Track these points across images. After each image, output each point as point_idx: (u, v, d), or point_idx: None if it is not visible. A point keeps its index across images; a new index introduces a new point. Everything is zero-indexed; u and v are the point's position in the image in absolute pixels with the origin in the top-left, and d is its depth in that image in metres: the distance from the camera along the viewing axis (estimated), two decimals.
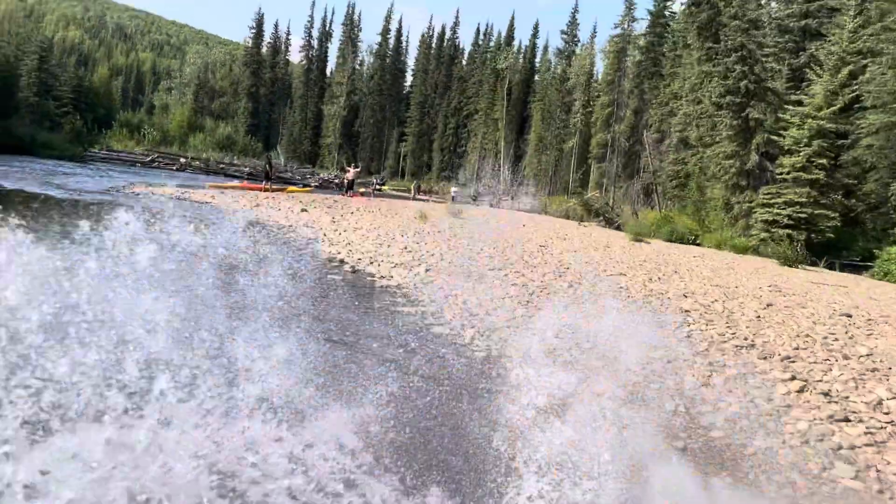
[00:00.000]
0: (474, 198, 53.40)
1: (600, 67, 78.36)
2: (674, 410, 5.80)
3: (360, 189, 42.93)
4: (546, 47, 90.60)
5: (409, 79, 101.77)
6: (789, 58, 36.83)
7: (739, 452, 5.11)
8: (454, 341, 7.65)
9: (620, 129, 61.82)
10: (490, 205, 53.41)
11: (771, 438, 5.33)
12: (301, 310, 7.46)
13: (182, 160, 54.75)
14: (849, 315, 10.45)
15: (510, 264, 13.64)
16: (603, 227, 39.17)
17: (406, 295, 10.03)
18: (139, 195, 22.25)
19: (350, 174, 38.42)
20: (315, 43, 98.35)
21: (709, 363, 7.16)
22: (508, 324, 8.36)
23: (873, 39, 28.22)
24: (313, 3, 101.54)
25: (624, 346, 5.70)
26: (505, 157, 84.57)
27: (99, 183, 27.03)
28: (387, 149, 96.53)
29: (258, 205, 23.12)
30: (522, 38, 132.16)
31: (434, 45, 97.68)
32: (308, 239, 15.55)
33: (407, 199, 50.42)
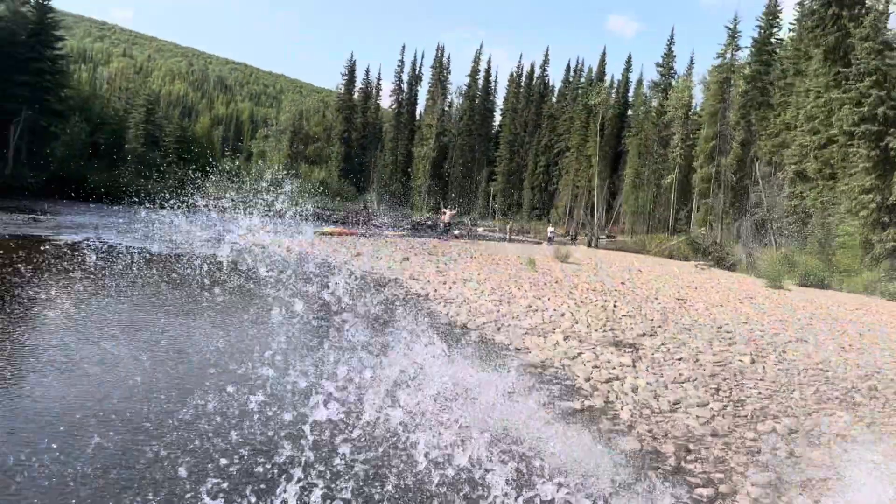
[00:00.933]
0: (573, 238, 50.91)
1: (699, 99, 75.16)
2: None
3: (454, 231, 41.48)
4: (640, 81, 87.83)
5: (498, 118, 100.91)
6: None
7: None
8: (658, 466, 5.54)
9: (726, 163, 58.15)
10: (589, 244, 50.78)
11: None
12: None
13: (278, 206, 54.97)
14: None
15: (659, 328, 11.42)
16: (710, 268, 36.03)
17: (557, 377, 8.02)
18: (241, 245, 21.27)
19: (446, 217, 36.95)
20: (405, 87, 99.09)
21: None
22: (730, 446, 6.12)
23: None
24: (403, 48, 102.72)
25: None
26: (599, 195, 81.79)
27: (200, 233, 26.44)
28: (476, 189, 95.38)
29: (359, 254, 21.72)
30: (614, 73, 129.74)
31: (523, 84, 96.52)
32: (419, 296, 13.81)
33: (502, 241, 48.62)
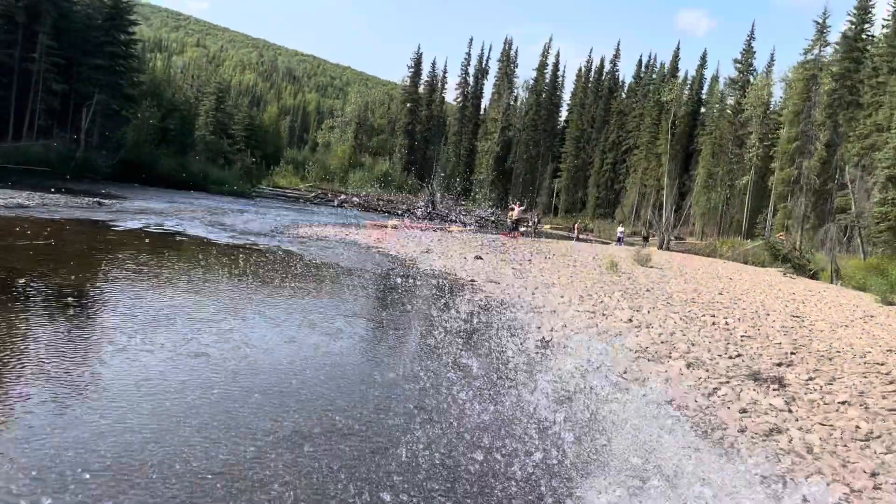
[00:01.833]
0: (645, 238, 48.43)
1: (777, 97, 71.19)
2: None
3: (521, 228, 39.62)
4: (716, 78, 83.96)
5: (564, 114, 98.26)
6: None
7: None
8: None
9: (809, 165, 54.54)
10: (660, 246, 48.17)
11: None
12: None
13: (342, 196, 54.19)
14: None
15: (792, 354, 9.51)
16: (794, 276, 33.22)
17: (698, 423, 6.28)
18: (304, 240, 20.04)
19: (515, 212, 35.15)
20: (471, 80, 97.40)
21: None
22: None
23: None
24: (471, 41, 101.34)
25: None
26: (668, 195, 78.48)
27: (263, 222, 25.41)
28: (540, 185, 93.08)
29: (428, 251, 20.23)
30: (688, 69, 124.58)
31: (592, 79, 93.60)
32: (502, 303, 12.18)
33: (569, 240, 46.53)
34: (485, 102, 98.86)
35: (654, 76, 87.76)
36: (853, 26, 54.57)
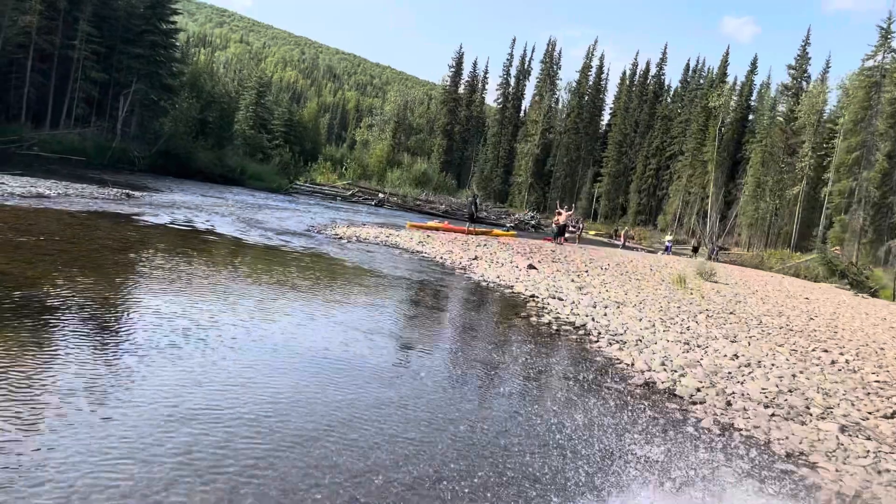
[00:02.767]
0: (695, 249, 45.90)
1: (831, 105, 67.80)
2: None
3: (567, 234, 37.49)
4: (767, 84, 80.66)
5: (606, 117, 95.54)
6: None
7: None
8: None
9: (869, 176, 51.39)
10: (709, 257, 45.56)
11: None
12: None
13: (380, 195, 52.53)
14: None
15: None
16: (863, 295, 30.60)
17: None
18: (342, 240, 18.30)
19: (562, 217, 33.05)
20: (512, 81, 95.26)
21: None
22: None
23: None
24: (513, 41, 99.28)
25: None
26: (714, 203, 75.49)
27: (300, 220, 23.78)
28: (580, 189, 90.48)
29: (476, 257, 18.32)
30: (737, 74, 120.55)
31: (637, 82, 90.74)
32: (574, 326, 10.22)
33: (613, 247, 44.33)
34: (525, 104, 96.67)
35: (702, 81, 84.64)
36: None
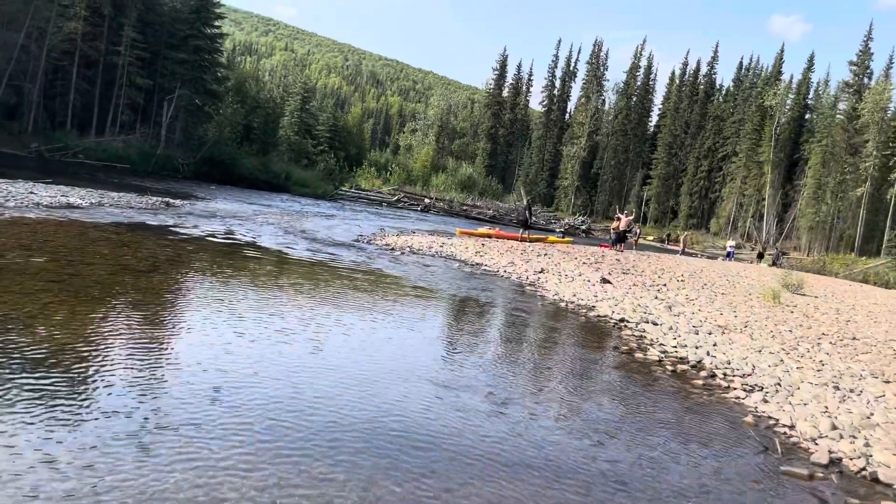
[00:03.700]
0: (760, 255, 42.87)
1: None
2: None
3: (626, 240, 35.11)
4: (826, 81, 76.67)
5: (654, 118, 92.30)
6: None
7: None
8: None
9: None
10: (773, 263, 42.57)
11: None
12: None
13: (426, 201, 50.83)
14: None
15: None
16: None
17: None
18: (395, 251, 16.50)
19: (621, 223, 30.73)
20: (557, 83, 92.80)
21: None
22: None
23: None
24: (559, 43, 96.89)
25: None
26: (771, 206, 71.95)
27: (347, 229, 22.10)
28: (628, 192, 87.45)
29: (543, 270, 16.32)
30: (793, 72, 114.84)
31: (687, 82, 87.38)
32: (700, 370, 8.15)
33: (670, 253, 41.76)
34: (570, 106, 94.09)
35: (757, 80, 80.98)
36: None
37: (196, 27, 40.04)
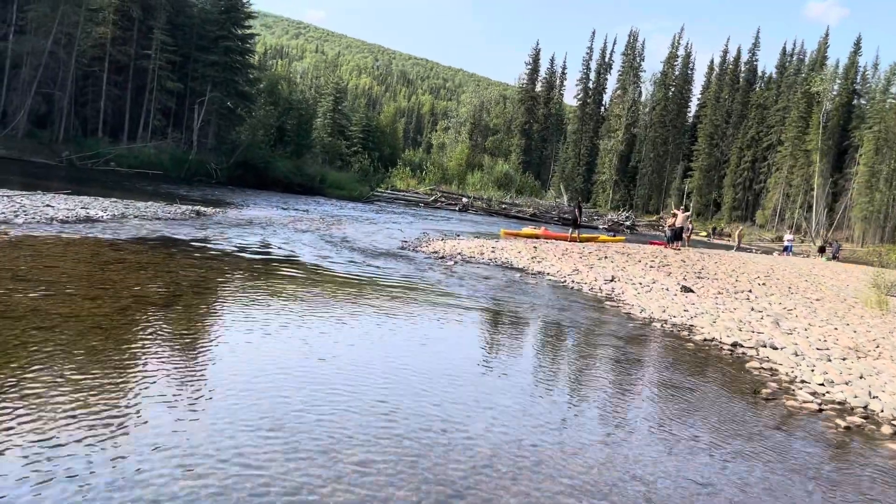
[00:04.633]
0: (822, 249, 39.98)
1: None
2: None
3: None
4: (875, 65, 72.89)
5: (693, 109, 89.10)
6: None
7: None
8: None
9: None
10: (833, 257, 39.76)
11: None
12: None
13: (464, 200, 48.93)
14: None
15: None
16: None
17: None
18: (445, 259, 14.67)
19: (678, 220, 28.48)
20: (592, 75, 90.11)
21: None
22: None
23: None
24: (593, 34, 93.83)
25: None
26: (820, 196, 68.51)
27: (389, 235, 20.37)
28: (668, 185, 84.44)
29: (614, 278, 14.34)
30: (839, 56, 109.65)
31: (728, 70, 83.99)
32: (873, 422, 6.15)
33: (722, 248, 39.28)
34: (606, 99, 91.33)
35: (801, 66, 77.42)
36: None
37: (226, 28, 38.66)
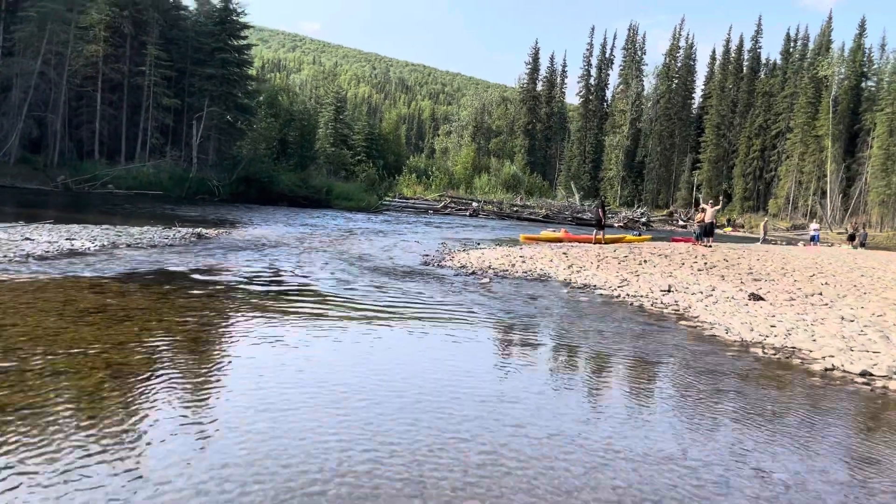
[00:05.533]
0: (851, 238, 37.90)
1: None
2: None
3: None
4: (882, 46, 70.99)
5: (697, 100, 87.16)
6: None
7: None
8: None
9: None
10: (862, 244, 37.76)
11: None
12: None
13: (474, 204, 47.16)
14: None
15: None
16: None
17: None
18: (475, 275, 12.93)
19: (708, 214, 26.64)
20: (594, 71, 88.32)
21: None
22: None
23: None
24: (592, 30, 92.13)
25: None
26: (835, 182, 66.56)
27: (407, 248, 18.64)
28: (677, 178, 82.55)
29: (670, 289, 12.57)
30: (844, 40, 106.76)
31: (732, 59, 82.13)
32: None
33: (746, 241, 37.55)
34: (608, 94, 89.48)
35: (806, 51, 75.52)
36: None
37: (222, 39, 36.96)
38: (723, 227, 53.19)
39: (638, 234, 30.42)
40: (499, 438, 4.20)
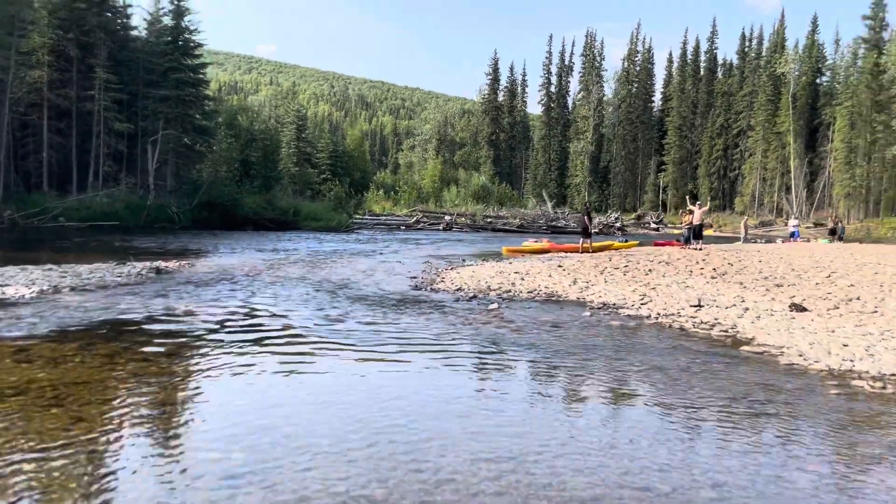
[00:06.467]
0: (833, 231, 37.16)
1: None
2: None
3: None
4: (836, 41, 71.74)
5: (658, 103, 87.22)
6: None
7: None
8: None
9: None
10: (841, 238, 37.11)
11: None
12: None
13: (447, 218, 45.58)
14: None
15: None
16: None
17: None
18: (475, 300, 11.31)
19: (696, 216, 25.49)
20: (554, 79, 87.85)
21: None
22: None
23: None
24: (550, 38, 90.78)
25: None
26: (798, 177, 66.75)
27: (389, 270, 16.92)
28: (643, 182, 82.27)
29: (700, 305, 11.11)
30: (798, 37, 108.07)
31: (689, 61, 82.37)
32: None
33: (735, 241, 36.67)
34: (570, 101, 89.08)
35: (762, 49, 76.06)
36: None
37: (175, 58, 34.83)
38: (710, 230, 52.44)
39: (625, 241, 29.17)
40: None
